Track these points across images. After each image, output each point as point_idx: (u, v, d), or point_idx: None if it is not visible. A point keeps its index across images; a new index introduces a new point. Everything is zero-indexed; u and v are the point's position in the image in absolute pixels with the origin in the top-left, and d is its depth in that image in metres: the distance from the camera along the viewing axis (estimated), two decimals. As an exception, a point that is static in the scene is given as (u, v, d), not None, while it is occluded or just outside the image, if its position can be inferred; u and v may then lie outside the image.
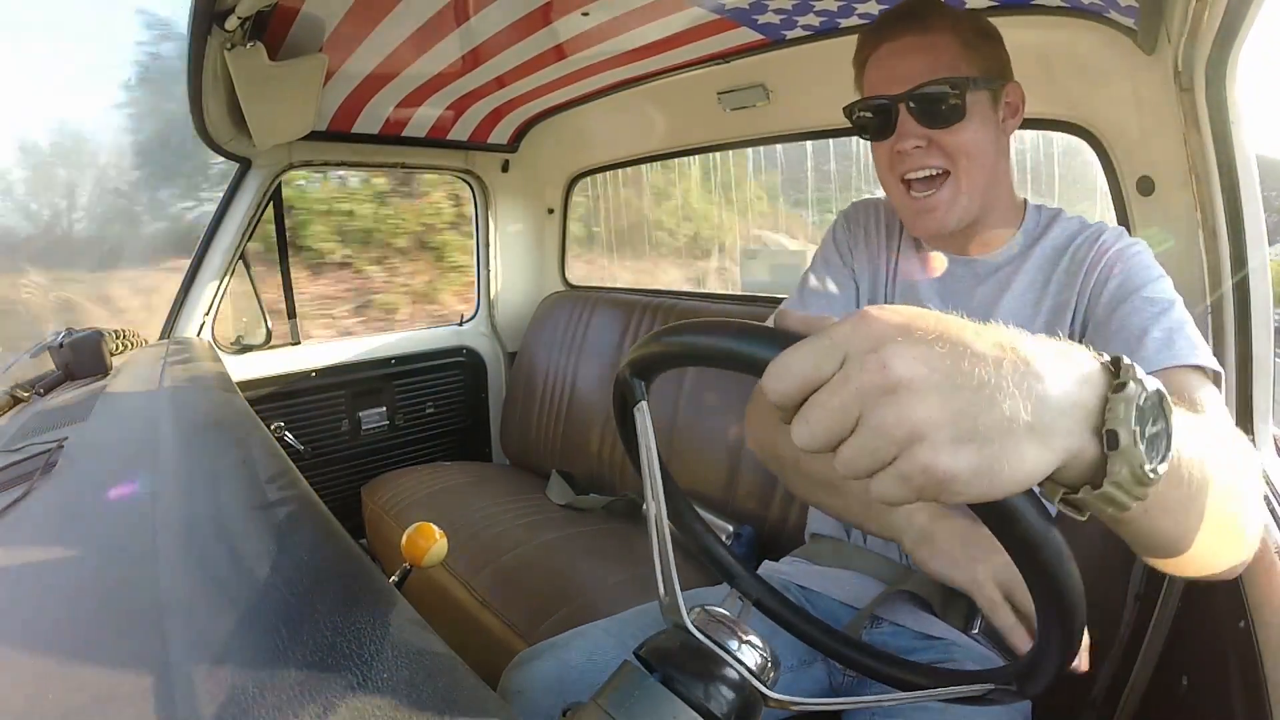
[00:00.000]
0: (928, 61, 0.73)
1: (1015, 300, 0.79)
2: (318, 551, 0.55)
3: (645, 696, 0.37)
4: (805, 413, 0.30)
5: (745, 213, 2.40)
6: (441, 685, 0.39)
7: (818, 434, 0.29)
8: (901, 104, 0.74)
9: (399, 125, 1.76)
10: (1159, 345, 0.65)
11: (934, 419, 0.27)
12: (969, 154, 0.74)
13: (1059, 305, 0.77)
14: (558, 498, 1.71)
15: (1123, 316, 0.69)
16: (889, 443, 0.28)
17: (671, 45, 1.36)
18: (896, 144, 0.75)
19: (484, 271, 2.18)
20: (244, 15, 1.00)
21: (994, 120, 0.76)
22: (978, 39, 0.75)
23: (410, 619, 0.46)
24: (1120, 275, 0.73)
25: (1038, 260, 0.80)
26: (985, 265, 0.83)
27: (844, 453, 0.29)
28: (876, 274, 0.91)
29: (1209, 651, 0.72)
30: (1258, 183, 0.79)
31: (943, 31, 0.74)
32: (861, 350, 0.28)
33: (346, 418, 1.90)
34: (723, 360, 0.33)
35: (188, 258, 1.65)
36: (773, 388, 0.30)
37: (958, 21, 0.75)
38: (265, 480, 0.72)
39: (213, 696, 0.37)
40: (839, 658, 0.50)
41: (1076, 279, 0.76)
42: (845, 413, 0.28)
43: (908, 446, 0.28)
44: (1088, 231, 0.78)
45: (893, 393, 0.27)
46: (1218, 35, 0.69)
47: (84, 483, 0.73)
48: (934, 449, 0.27)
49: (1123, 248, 0.74)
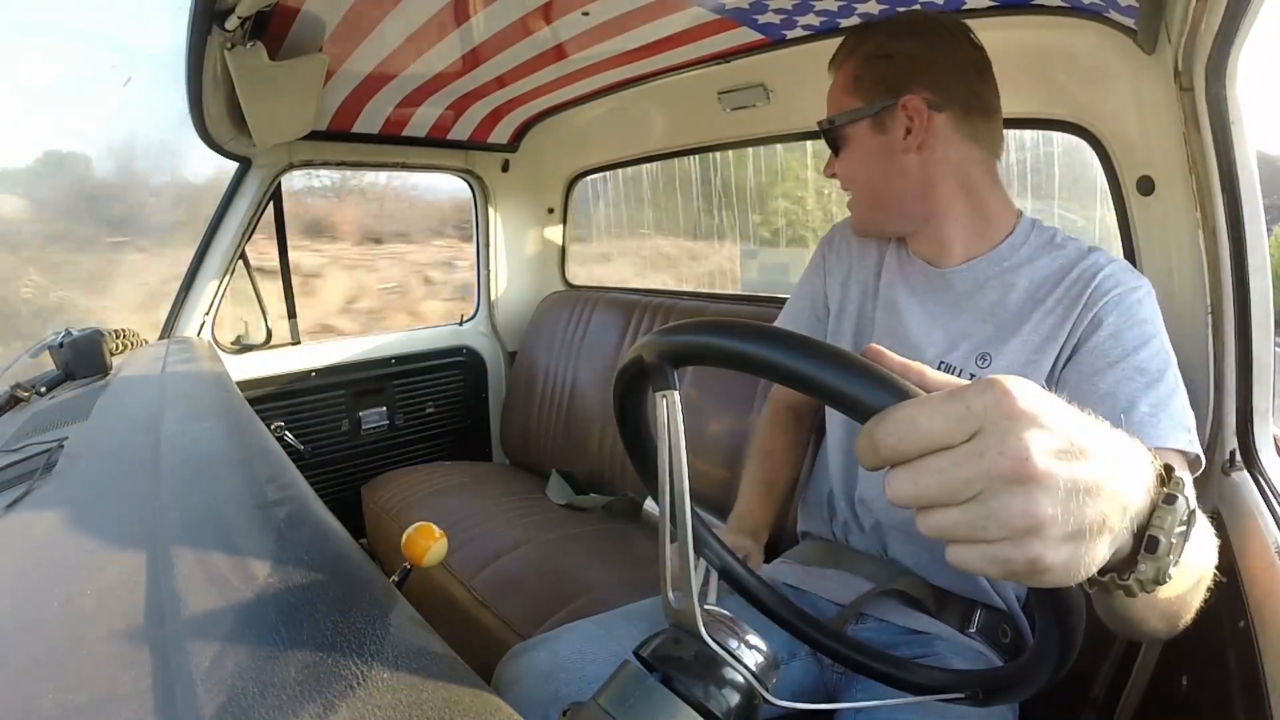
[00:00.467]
0: (830, 102, 0.85)
1: (999, 327, 0.78)
2: (318, 551, 0.55)
3: (645, 696, 0.37)
4: (917, 474, 0.29)
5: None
6: (441, 685, 0.39)
7: (922, 496, 0.29)
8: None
9: (399, 125, 1.76)
10: (1144, 421, 0.66)
11: (1054, 516, 0.28)
12: (852, 177, 0.85)
13: (1047, 338, 0.75)
14: (557, 497, 1.71)
15: (1112, 383, 0.68)
16: (1003, 529, 0.28)
17: (671, 45, 1.35)
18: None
19: (484, 271, 2.18)
20: (244, 15, 1.00)
21: (880, 143, 0.81)
22: (864, 67, 0.81)
23: (410, 618, 0.46)
24: (1113, 328, 0.71)
25: (1027, 286, 0.78)
26: (963, 276, 0.82)
27: (942, 519, 0.29)
28: (865, 290, 0.92)
29: (1209, 651, 0.72)
30: (1258, 183, 0.79)
31: (839, 69, 0.84)
32: (999, 430, 0.28)
33: (346, 417, 1.90)
34: (818, 389, 0.31)
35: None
36: (887, 440, 0.29)
37: (850, 55, 0.83)
38: (265, 480, 0.72)
39: (213, 696, 0.37)
40: (816, 645, 0.51)
41: (1070, 315, 0.74)
42: (966, 487, 0.28)
43: (1021, 537, 0.28)
44: (1086, 264, 0.76)
45: (1024, 485, 0.27)
46: (1218, 35, 0.69)
47: (84, 483, 0.73)
48: (1044, 544, 0.28)
49: (1121, 294, 0.72)
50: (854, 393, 0.30)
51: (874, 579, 0.85)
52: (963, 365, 0.79)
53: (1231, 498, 0.79)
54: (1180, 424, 0.67)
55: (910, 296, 0.86)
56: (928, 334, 0.83)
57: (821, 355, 0.32)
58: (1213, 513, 0.82)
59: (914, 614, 0.82)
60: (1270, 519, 0.70)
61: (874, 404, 0.30)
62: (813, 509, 0.98)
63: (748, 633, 0.40)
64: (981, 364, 0.78)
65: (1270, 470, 0.80)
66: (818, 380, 0.31)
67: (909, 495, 0.29)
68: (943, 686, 0.45)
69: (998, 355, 0.77)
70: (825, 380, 0.31)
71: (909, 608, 0.83)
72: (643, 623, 0.81)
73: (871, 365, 0.31)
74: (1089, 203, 1.17)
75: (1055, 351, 0.74)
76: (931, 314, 0.84)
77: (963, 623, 0.81)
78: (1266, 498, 0.75)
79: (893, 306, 0.87)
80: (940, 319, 0.83)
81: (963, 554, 0.30)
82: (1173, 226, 0.96)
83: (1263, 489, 0.76)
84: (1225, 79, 0.74)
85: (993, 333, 0.78)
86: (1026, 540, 0.28)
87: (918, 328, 0.84)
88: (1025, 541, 0.28)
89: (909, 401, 0.29)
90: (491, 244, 2.16)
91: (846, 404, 0.31)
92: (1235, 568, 0.70)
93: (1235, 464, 0.82)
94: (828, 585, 0.88)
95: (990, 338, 0.78)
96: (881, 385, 0.30)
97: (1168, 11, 0.78)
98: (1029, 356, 0.75)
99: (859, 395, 0.30)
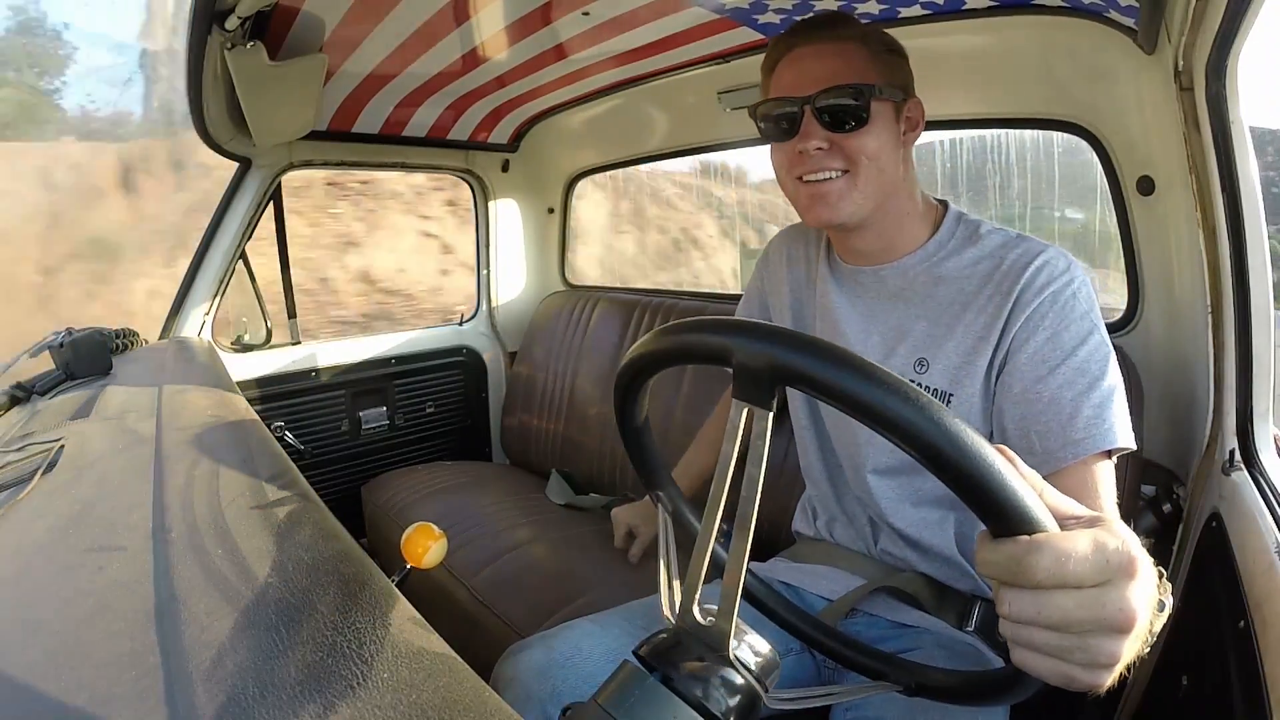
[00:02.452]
0: (836, 66, 0.75)
1: (933, 325, 0.78)
2: (318, 551, 0.55)
3: (645, 696, 0.37)
4: (1042, 606, 0.33)
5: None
6: (441, 685, 0.39)
7: (1040, 623, 0.33)
8: (808, 106, 0.75)
9: (399, 125, 1.76)
10: (1090, 424, 0.66)
11: (1126, 654, 0.34)
12: (870, 157, 0.75)
13: (980, 338, 0.74)
14: (557, 497, 1.71)
15: (1055, 388, 0.68)
16: (1087, 658, 0.33)
17: (671, 45, 1.35)
18: (799, 144, 0.76)
19: (484, 271, 2.18)
20: (244, 15, 1.00)
21: (895, 130, 0.78)
22: (885, 53, 0.78)
23: (410, 618, 0.46)
24: (1050, 330, 0.70)
25: (956, 280, 0.77)
26: (894, 274, 0.82)
27: (1036, 637, 0.34)
28: (801, 303, 0.93)
29: (1209, 651, 0.72)
30: (1258, 183, 0.79)
31: (852, 40, 0.76)
32: (1120, 586, 0.33)
33: (346, 417, 1.90)
34: (963, 483, 0.32)
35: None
36: (1036, 574, 0.32)
37: (867, 35, 0.78)
38: (265, 480, 0.72)
39: (213, 696, 0.37)
40: (801, 635, 0.53)
41: (1002, 313, 0.72)
42: (1078, 627, 0.33)
43: (1097, 667, 0.34)
44: (1014, 256, 0.74)
45: (1121, 633, 0.33)
46: (1218, 35, 0.69)
47: (84, 483, 0.73)
48: (1110, 674, 0.34)
49: (1056, 291, 0.71)
50: (1004, 505, 0.32)
51: (867, 576, 0.85)
52: (902, 370, 0.79)
53: (1231, 498, 0.79)
54: (1124, 423, 0.68)
55: (843, 299, 0.86)
56: (865, 338, 0.84)
57: (982, 454, 0.32)
58: (1213, 513, 0.82)
59: (902, 608, 0.83)
60: (1270, 519, 0.70)
61: (1022, 527, 0.32)
62: (799, 509, 1.00)
63: (747, 632, 0.40)
64: (920, 369, 0.78)
65: (1270, 470, 0.80)
66: (971, 477, 0.32)
67: (1026, 619, 0.33)
68: (912, 681, 0.45)
69: (934, 359, 0.77)
70: (981, 482, 0.32)
71: (897, 602, 0.83)
72: (639, 621, 0.82)
73: (1029, 484, 0.33)
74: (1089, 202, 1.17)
75: (989, 352, 0.74)
76: (866, 316, 0.84)
77: (960, 619, 0.81)
78: (1266, 498, 0.74)
79: (829, 314, 0.87)
80: (876, 320, 0.83)
81: (1033, 661, 0.34)
82: (1173, 226, 0.96)
83: (1263, 489, 0.76)
84: (1225, 79, 0.74)
85: (927, 332, 0.79)
86: (1099, 670, 0.33)
87: (855, 333, 0.84)
88: (1098, 671, 0.33)
89: (1061, 539, 0.32)
90: (491, 244, 2.16)
91: (989, 510, 0.32)
92: (1235, 568, 0.70)
93: (1235, 464, 0.82)
94: (820, 582, 0.88)
95: (925, 339, 0.79)
96: (1036, 511, 0.32)
97: (1168, 11, 0.78)
98: (964, 358, 0.75)
99: (1009, 510, 0.32)
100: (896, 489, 0.82)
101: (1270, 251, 0.80)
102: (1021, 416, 0.70)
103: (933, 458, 0.32)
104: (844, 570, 0.88)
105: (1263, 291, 0.80)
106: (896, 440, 0.33)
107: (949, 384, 0.76)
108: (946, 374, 0.76)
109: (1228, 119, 0.76)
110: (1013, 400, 0.71)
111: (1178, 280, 0.96)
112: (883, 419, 0.32)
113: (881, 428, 0.33)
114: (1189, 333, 0.92)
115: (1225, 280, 0.83)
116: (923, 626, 0.81)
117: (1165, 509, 0.93)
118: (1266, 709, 0.54)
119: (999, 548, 0.32)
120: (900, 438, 0.32)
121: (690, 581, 0.41)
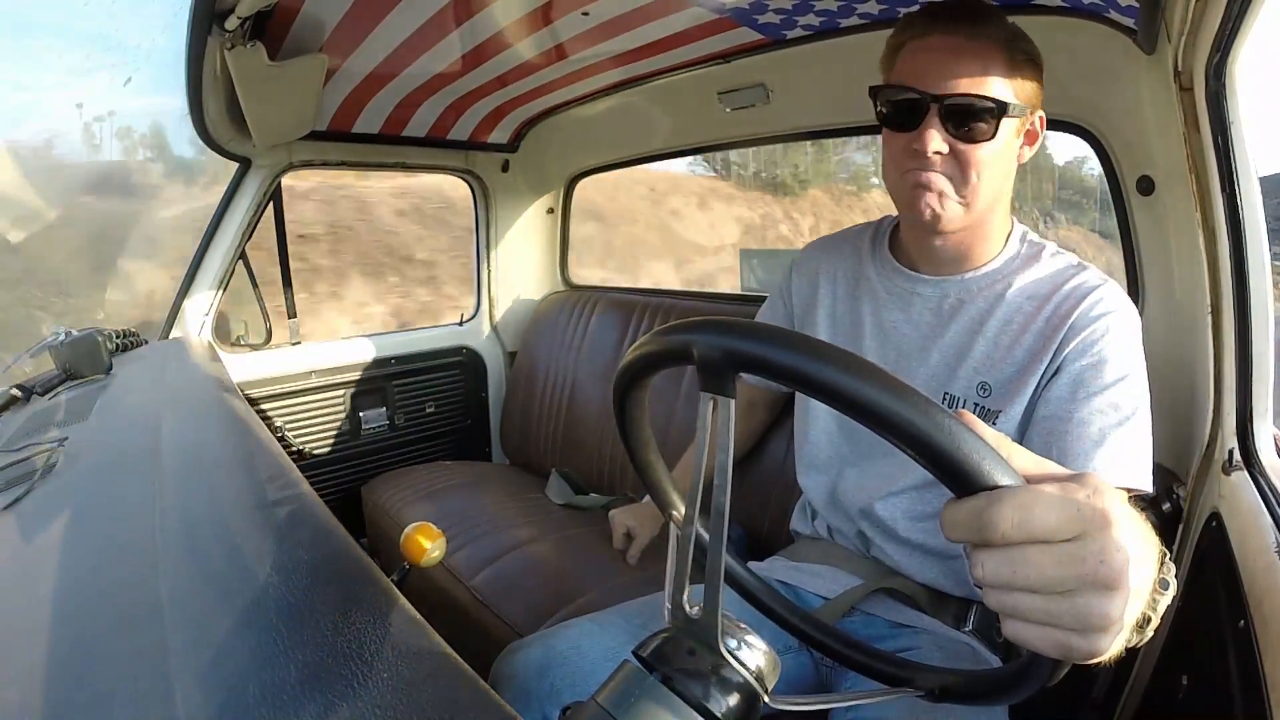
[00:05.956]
0: (973, 71, 0.70)
1: (992, 346, 0.77)
2: (317, 550, 0.55)
3: (645, 696, 0.37)
4: (1016, 564, 0.30)
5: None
6: (441, 685, 0.39)
7: (1016, 584, 0.30)
8: (935, 105, 0.70)
9: (399, 125, 1.76)
10: (1112, 458, 0.67)
11: (1122, 616, 0.30)
12: (984, 171, 0.72)
13: (1033, 355, 0.75)
14: (557, 497, 1.71)
15: (1087, 413, 0.69)
16: (1078, 623, 0.30)
17: (671, 45, 1.35)
18: (915, 142, 0.72)
19: (484, 271, 2.18)
20: (244, 15, 1.00)
21: (1015, 145, 0.76)
22: (1024, 63, 0.73)
23: (410, 618, 0.46)
24: (1096, 358, 0.71)
25: (1016, 301, 0.77)
26: (958, 287, 0.80)
27: (1020, 603, 0.31)
28: (841, 318, 0.90)
29: (1209, 651, 0.72)
30: (1258, 183, 0.79)
31: (995, 42, 0.71)
32: (1100, 537, 0.30)
33: (346, 418, 1.90)
34: (920, 446, 0.31)
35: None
36: (999, 526, 0.29)
37: (1012, 39, 0.72)
38: (265, 480, 0.72)
39: (213, 696, 0.37)
40: (797, 633, 0.52)
41: (1057, 335, 0.73)
42: (1059, 585, 0.30)
43: (1091, 631, 0.30)
44: (1076, 282, 0.75)
45: (1109, 590, 0.30)
46: (1218, 35, 0.69)
47: (84, 483, 0.73)
48: (1108, 638, 0.30)
49: (1110, 324, 0.72)
50: (962, 464, 0.30)
51: (864, 576, 0.86)
52: (965, 395, 0.78)
53: (1231, 497, 0.79)
54: (1144, 465, 0.69)
55: (900, 315, 0.84)
56: (925, 357, 0.82)
57: (931, 414, 0.31)
58: (1212, 512, 0.82)
59: (900, 607, 0.83)
60: (1270, 519, 0.70)
61: (980, 482, 0.30)
62: (797, 509, 1.00)
63: (748, 632, 0.40)
64: (983, 393, 0.78)
65: (1270, 470, 0.80)
66: (924, 439, 0.31)
67: (1002, 581, 0.30)
68: (911, 681, 0.45)
69: (996, 383, 0.77)
70: (932, 442, 0.31)
71: (895, 601, 0.84)
72: (639, 620, 0.82)
73: (985, 441, 0.31)
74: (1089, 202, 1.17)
75: (1040, 370, 0.74)
76: (925, 335, 0.82)
77: (958, 620, 0.81)
78: (1266, 498, 0.74)
79: (884, 332, 0.85)
80: (936, 339, 0.81)
81: (1025, 631, 0.31)
82: (1173, 226, 0.96)
83: (1262, 489, 0.76)
84: (1225, 79, 0.74)
85: (986, 354, 0.78)
86: (1095, 635, 0.30)
87: (914, 352, 0.82)
88: (1093, 635, 0.30)
89: (1023, 489, 0.30)
90: (491, 244, 2.16)
91: (947, 471, 0.31)
92: (1235, 567, 0.70)
93: (1235, 464, 0.82)
94: (818, 581, 0.88)
95: (984, 361, 0.78)
96: (994, 465, 0.30)
97: (1168, 11, 0.78)
98: (1017, 379, 0.75)
99: (967, 468, 0.30)
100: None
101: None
102: (1048, 431, 0.71)
103: (886, 425, 0.32)
104: (842, 570, 0.88)
105: (1262, 291, 0.80)
106: (852, 413, 0.33)
107: (1002, 404, 0.76)
108: (1003, 396, 0.76)
109: (1228, 119, 0.76)
110: (1044, 415, 0.72)
111: (1177, 280, 0.96)
112: (836, 394, 0.33)
113: (839, 404, 0.33)
114: (1189, 333, 0.91)
115: (1225, 280, 0.83)
116: (920, 626, 0.81)
117: (1165, 509, 0.93)
118: (1266, 709, 0.54)
119: (960, 505, 0.31)
120: (851, 409, 0.33)
121: (677, 576, 0.41)
